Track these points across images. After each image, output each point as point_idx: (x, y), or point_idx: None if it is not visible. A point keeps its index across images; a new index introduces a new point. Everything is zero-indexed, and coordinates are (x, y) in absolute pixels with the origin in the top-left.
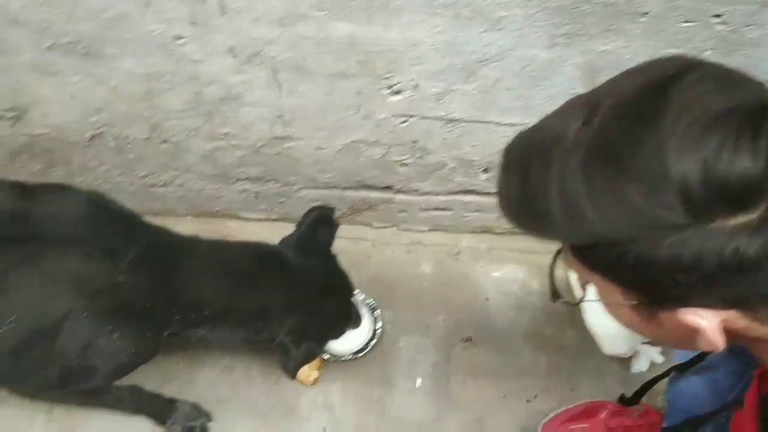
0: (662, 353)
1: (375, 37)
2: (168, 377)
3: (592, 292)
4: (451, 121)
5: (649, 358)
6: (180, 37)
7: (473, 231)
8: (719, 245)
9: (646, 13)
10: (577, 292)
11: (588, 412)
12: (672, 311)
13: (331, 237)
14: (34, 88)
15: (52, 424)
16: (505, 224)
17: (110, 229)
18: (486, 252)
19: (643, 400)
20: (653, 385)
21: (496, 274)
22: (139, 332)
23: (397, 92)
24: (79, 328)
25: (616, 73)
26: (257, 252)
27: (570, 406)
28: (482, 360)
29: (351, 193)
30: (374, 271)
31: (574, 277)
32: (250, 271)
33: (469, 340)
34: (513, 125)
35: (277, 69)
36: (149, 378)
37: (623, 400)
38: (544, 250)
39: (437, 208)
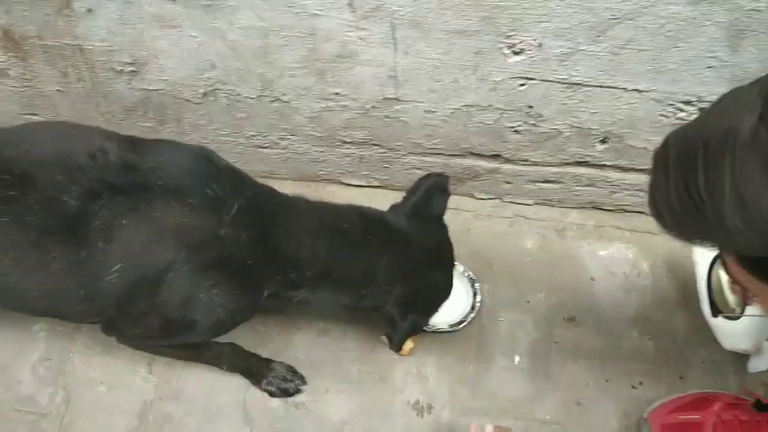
0: None
1: None
2: (263, 339)
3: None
4: (573, 84)
5: None
6: None
7: (581, 206)
8: None
9: None
10: (730, 298)
11: (699, 402)
12: None
13: (444, 206)
14: (154, 41)
15: (153, 376)
16: (616, 201)
17: (216, 183)
18: (594, 229)
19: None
20: None
21: (603, 252)
22: (239, 289)
23: (519, 52)
24: (181, 280)
25: (764, 36)
26: (364, 215)
27: (680, 395)
28: (585, 341)
29: (457, 161)
30: (474, 243)
31: (726, 279)
32: (356, 234)
33: (571, 319)
34: (640, 92)
35: (396, 25)
36: (245, 338)
37: (759, 406)
38: (656, 229)
39: (546, 180)
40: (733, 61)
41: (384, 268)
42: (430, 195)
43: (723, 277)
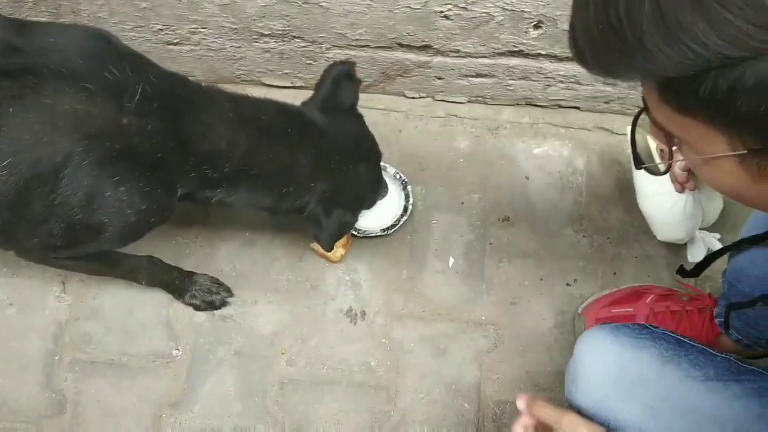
0: (720, 240)
1: None
2: (184, 251)
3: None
4: None
5: (706, 246)
6: None
7: (516, 103)
8: None
9: None
10: (658, 160)
11: (632, 296)
12: None
13: (355, 95)
14: None
15: (66, 295)
16: (551, 95)
17: (116, 67)
18: (528, 127)
19: (692, 283)
20: (719, 257)
21: (537, 150)
22: (148, 186)
23: None
24: (81, 176)
25: None
26: (281, 108)
27: (613, 290)
28: (520, 241)
29: (384, 54)
30: (406, 144)
31: (654, 146)
32: (274, 127)
33: (506, 219)
34: None
35: None
36: (165, 251)
37: (683, 272)
38: (591, 125)
39: (478, 75)
40: None
41: (305, 163)
42: (339, 85)
43: (651, 142)
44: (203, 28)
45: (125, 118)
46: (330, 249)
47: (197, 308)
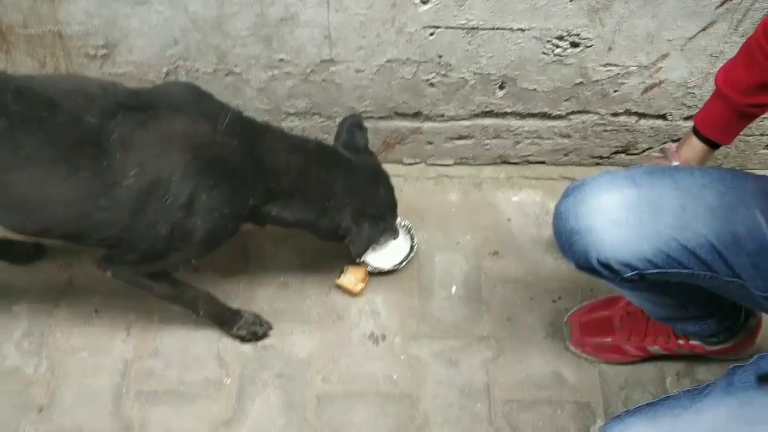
0: None
1: None
2: (230, 296)
3: None
4: (471, 29)
5: None
6: None
7: (493, 162)
8: None
9: None
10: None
11: (608, 302)
12: None
13: (365, 138)
14: (126, 20)
15: (131, 338)
16: (520, 152)
17: (208, 102)
18: (505, 180)
19: None
20: None
21: (515, 198)
22: (232, 192)
23: (425, 1)
24: (188, 179)
25: None
26: (319, 142)
27: (592, 300)
28: (509, 269)
29: (384, 124)
30: (407, 201)
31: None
32: (316, 154)
33: (496, 253)
34: (523, 30)
35: None
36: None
37: None
38: (557, 175)
39: (460, 137)
40: None
41: (340, 183)
42: (353, 132)
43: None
44: (243, 110)
45: (218, 136)
46: (364, 252)
47: (243, 339)
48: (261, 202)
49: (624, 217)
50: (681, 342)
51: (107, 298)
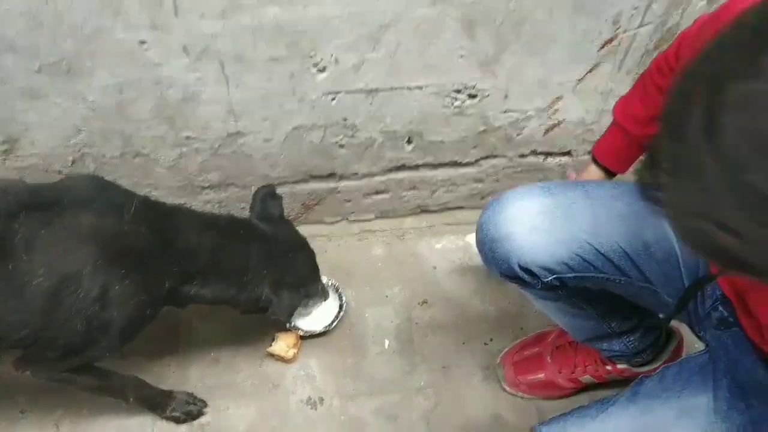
0: None
1: (297, 18)
2: (161, 378)
3: None
4: (371, 91)
5: None
6: (143, 42)
7: (413, 213)
8: None
9: None
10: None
11: (538, 338)
12: None
13: (281, 207)
14: (24, 115)
15: None
16: (438, 200)
17: (113, 192)
18: (427, 229)
19: None
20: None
21: (438, 246)
22: (146, 278)
23: (322, 69)
24: (98, 273)
25: (489, 24)
26: (232, 217)
27: (522, 338)
28: (439, 317)
29: (300, 187)
30: (332, 260)
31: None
32: (230, 229)
33: (425, 302)
34: (421, 88)
35: (224, 62)
36: (144, 378)
37: None
38: (476, 219)
39: (377, 191)
40: (474, 48)
41: (256, 256)
42: (266, 202)
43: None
44: (155, 189)
45: (126, 226)
46: (287, 321)
47: (178, 421)
48: (177, 284)
49: (540, 222)
50: (609, 368)
51: (33, 396)
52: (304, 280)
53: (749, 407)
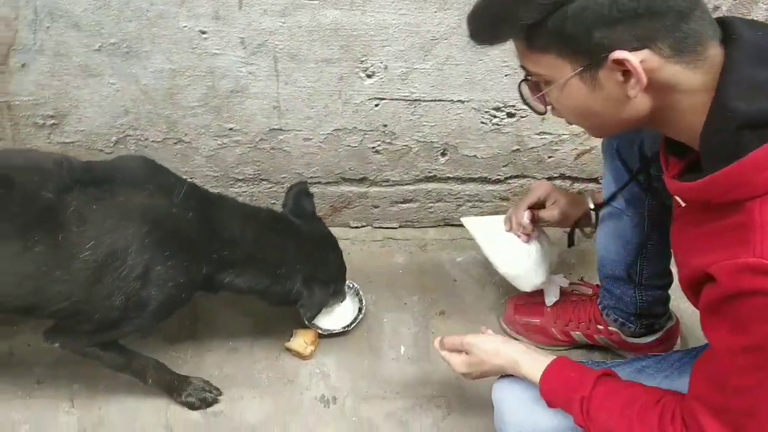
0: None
1: (355, 22)
2: (178, 363)
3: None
4: (413, 101)
5: (557, 286)
6: (204, 32)
7: (436, 225)
8: None
9: None
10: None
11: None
12: (608, 66)
13: (312, 205)
14: (76, 92)
15: (75, 409)
16: (463, 215)
17: (164, 176)
18: (449, 242)
19: None
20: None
21: (459, 259)
22: (187, 261)
23: (371, 75)
24: (144, 251)
25: None
26: (272, 211)
27: None
28: (456, 328)
29: (332, 189)
30: (355, 264)
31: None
32: (271, 223)
33: (442, 313)
34: (463, 102)
35: (278, 58)
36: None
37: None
38: None
39: (405, 200)
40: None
41: (291, 250)
42: (300, 198)
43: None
44: (191, 177)
45: (174, 208)
46: (315, 314)
47: (192, 406)
48: (215, 271)
49: None
50: (600, 327)
51: (50, 368)
52: (333, 278)
53: None
